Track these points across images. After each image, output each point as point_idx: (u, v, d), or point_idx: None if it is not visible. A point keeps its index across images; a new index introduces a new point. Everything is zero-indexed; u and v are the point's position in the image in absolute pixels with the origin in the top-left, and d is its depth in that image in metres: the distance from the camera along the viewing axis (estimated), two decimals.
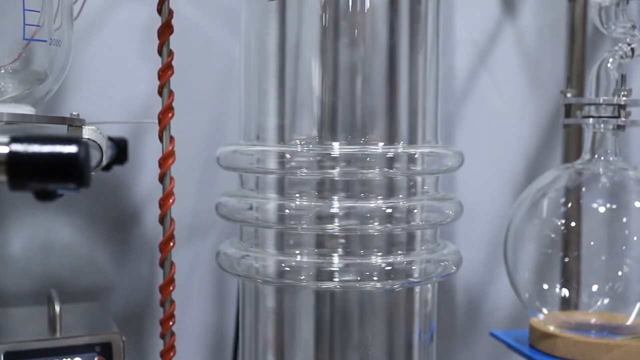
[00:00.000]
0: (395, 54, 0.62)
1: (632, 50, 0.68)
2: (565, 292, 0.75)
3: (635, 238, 0.72)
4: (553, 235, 0.74)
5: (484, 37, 0.94)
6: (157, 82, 0.61)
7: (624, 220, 0.72)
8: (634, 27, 0.69)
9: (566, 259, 0.75)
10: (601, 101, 0.69)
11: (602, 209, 0.73)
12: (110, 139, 0.68)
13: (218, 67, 0.84)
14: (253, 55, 0.65)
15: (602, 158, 0.72)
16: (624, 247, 0.72)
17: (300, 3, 0.63)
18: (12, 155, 0.32)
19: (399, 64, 0.63)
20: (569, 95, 0.75)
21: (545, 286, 0.75)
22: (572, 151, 0.89)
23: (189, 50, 0.75)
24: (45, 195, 0.35)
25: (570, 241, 0.74)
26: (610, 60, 0.68)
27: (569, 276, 0.75)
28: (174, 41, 0.61)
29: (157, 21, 0.60)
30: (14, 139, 0.33)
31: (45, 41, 0.54)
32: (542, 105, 0.95)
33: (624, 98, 0.68)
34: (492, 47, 0.94)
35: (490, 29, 0.94)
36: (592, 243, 0.74)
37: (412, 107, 0.63)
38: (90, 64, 0.78)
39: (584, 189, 0.74)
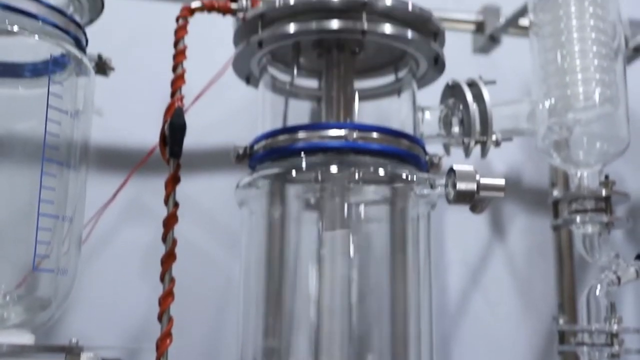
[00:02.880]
0: (391, 274, 0.65)
1: (619, 278, 0.70)
2: None
3: None
4: None
5: (475, 258, 0.97)
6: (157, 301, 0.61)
7: None
8: (617, 256, 0.72)
9: None
10: (593, 329, 0.70)
11: None
12: None
13: (217, 286, 0.86)
14: (252, 277, 0.67)
15: None
16: None
17: (299, 224, 0.66)
18: None
19: (396, 291, 0.65)
20: (561, 322, 0.76)
21: None
22: None
23: (189, 269, 0.77)
24: None
25: None
26: (599, 287, 0.70)
27: None
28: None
29: (160, 242, 0.62)
30: None
31: (52, 271, 0.56)
32: (536, 325, 0.96)
33: (616, 326, 0.69)
34: (483, 267, 0.97)
35: (481, 250, 0.97)
36: None
37: (406, 329, 0.64)
38: (92, 284, 0.80)
39: None
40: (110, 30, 0.69)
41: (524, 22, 0.89)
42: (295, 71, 0.73)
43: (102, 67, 0.69)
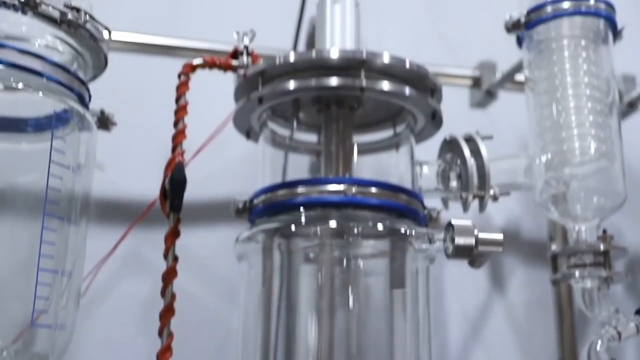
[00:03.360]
0: (390, 328, 0.64)
1: (619, 333, 0.70)
2: None
3: None
4: None
5: (475, 311, 0.96)
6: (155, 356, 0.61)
7: None
8: (617, 311, 0.71)
9: None
10: None
11: None
12: None
13: (216, 338, 0.85)
14: (251, 329, 0.66)
15: None
16: None
17: (297, 277, 0.66)
18: None
19: (395, 344, 0.64)
20: None
21: None
22: None
23: (188, 320, 0.76)
24: None
25: None
26: (599, 343, 0.70)
27: None
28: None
29: (159, 295, 0.62)
30: None
31: (50, 326, 0.56)
32: None
33: None
34: (483, 320, 0.96)
35: (480, 302, 0.97)
36: None
37: None
38: (89, 337, 0.79)
39: None
40: (112, 84, 0.70)
41: (519, 77, 0.90)
42: (294, 126, 0.74)
43: (105, 122, 0.70)
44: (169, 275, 0.62)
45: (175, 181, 0.62)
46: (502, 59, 0.95)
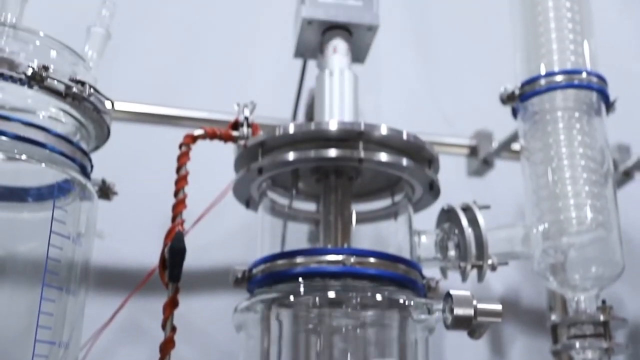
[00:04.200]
0: None
1: None
2: None
3: None
4: None
5: None
6: None
7: None
8: None
9: None
10: None
11: None
12: None
13: None
14: None
15: None
16: None
17: (296, 347, 0.66)
18: None
19: None
20: None
21: None
22: None
23: None
24: None
25: None
26: None
27: None
28: None
29: None
30: None
31: None
32: None
33: None
34: None
35: None
36: None
37: None
38: None
39: None
40: (113, 153, 0.71)
41: (516, 146, 0.92)
42: (293, 195, 0.75)
43: (106, 191, 0.70)
44: (167, 346, 0.61)
45: (174, 251, 0.62)
46: (498, 127, 0.97)
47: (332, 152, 0.66)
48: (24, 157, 0.58)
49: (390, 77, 1.07)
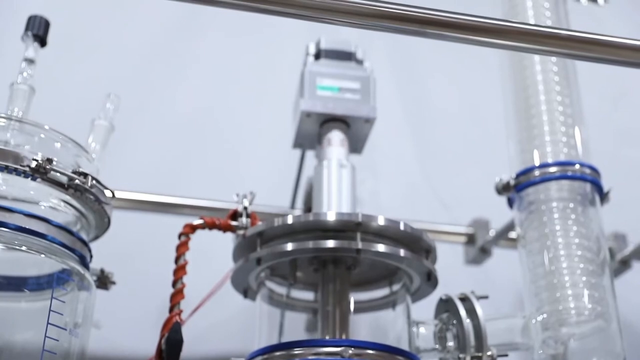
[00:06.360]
0: None
1: None
2: None
3: None
4: None
5: None
6: None
7: None
8: None
9: None
10: None
11: None
12: None
13: None
14: None
15: None
16: None
17: None
18: None
19: None
20: None
21: None
22: None
23: None
24: None
25: None
26: None
27: None
28: None
29: None
30: None
31: None
32: None
33: None
34: None
35: None
36: None
37: None
38: None
39: None
40: (112, 241, 0.71)
41: (513, 234, 0.92)
42: (292, 285, 0.75)
43: (104, 281, 0.70)
44: None
45: (171, 342, 0.62)
46: (495, 215, 0.98)
47: (330, 243, 0.66)
48: (24, 247, 0.58)
49: (388, 165, 1.09)
